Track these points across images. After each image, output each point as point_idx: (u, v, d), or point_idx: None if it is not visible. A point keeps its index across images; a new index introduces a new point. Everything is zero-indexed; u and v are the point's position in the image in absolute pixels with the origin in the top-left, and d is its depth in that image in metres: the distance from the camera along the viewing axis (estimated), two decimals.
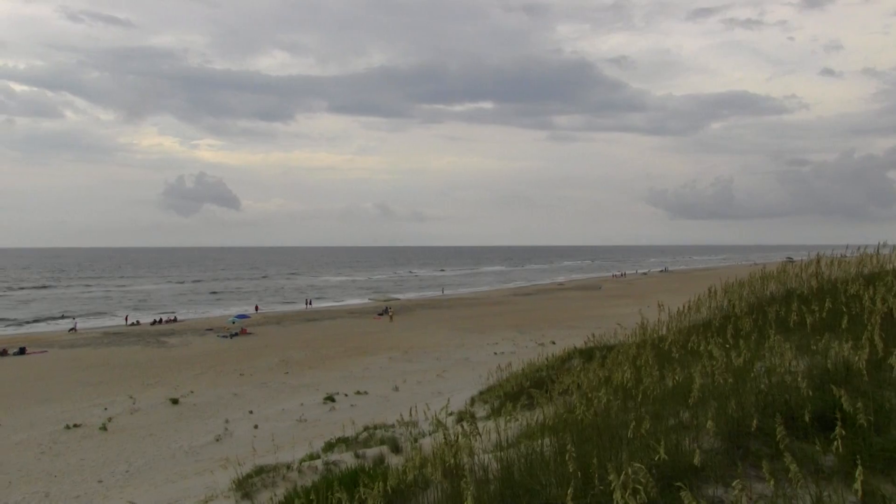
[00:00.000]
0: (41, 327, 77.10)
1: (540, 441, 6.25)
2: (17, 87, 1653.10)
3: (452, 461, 5.82)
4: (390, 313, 75.03)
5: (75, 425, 29.52)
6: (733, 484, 3.94)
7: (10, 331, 74.13)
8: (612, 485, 4.04)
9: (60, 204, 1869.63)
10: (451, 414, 16.40)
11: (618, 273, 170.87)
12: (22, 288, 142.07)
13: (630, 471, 4.15)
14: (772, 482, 4.08)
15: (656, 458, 4.72)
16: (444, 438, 6.38)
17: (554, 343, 43.84)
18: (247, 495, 12.90)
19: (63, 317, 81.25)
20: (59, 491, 21.00)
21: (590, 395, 7.13)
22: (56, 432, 28.71)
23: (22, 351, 53.43)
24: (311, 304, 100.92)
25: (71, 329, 71.56)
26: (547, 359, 21.39)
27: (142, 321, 78.10)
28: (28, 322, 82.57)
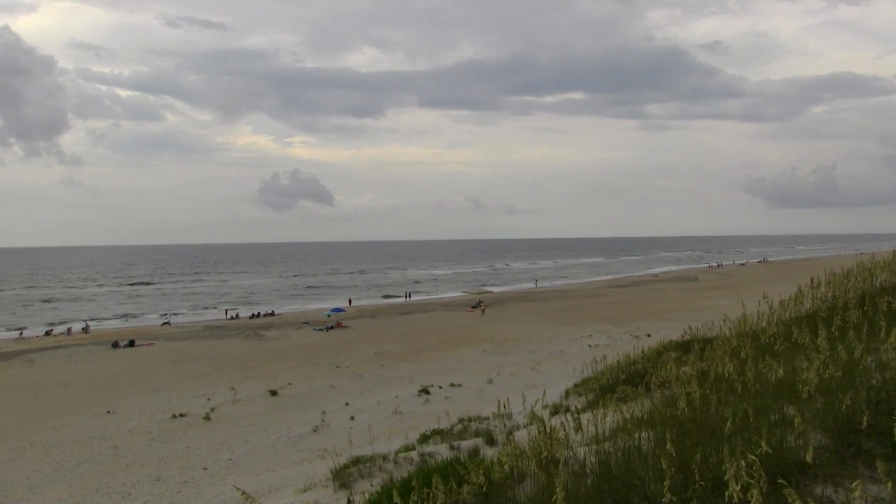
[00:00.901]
0: (147, 320, 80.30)
1: (637, 435, 6.13)
2: (123, 93, 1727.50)
3: (548, 453, 5.77)
4: (482, 307, 75.06)
5: (181, 414, 30.66)
6: (852, 486, 3.71)
7: (119, 324, 77.57)
8: (726, 475, 3.91)
9: (163, 203, 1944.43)
10: (545, 406, 16.30)
11: (714, 264, 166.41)
12: (129, 284, 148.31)
13: (741, 464, 4.00)
14: (889, 484, 3.83)
15: (757, 453, 4.56)
16: (540, 431, 6.33)
17: (649, 336, 43.08)
18: (344, 485, 13.11)
19: (167, 313, 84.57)
20: (168, 475, 21.85)
21: (688, 389, 6.95)
22: (164, 421, 29.88)
23: (131, 343, 55.81)
24: (410, 297, 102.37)
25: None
26: (642, 351, 20.99)
27: (241, 315, 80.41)
28: (133, 316, 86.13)
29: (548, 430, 6.22)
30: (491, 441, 14.02)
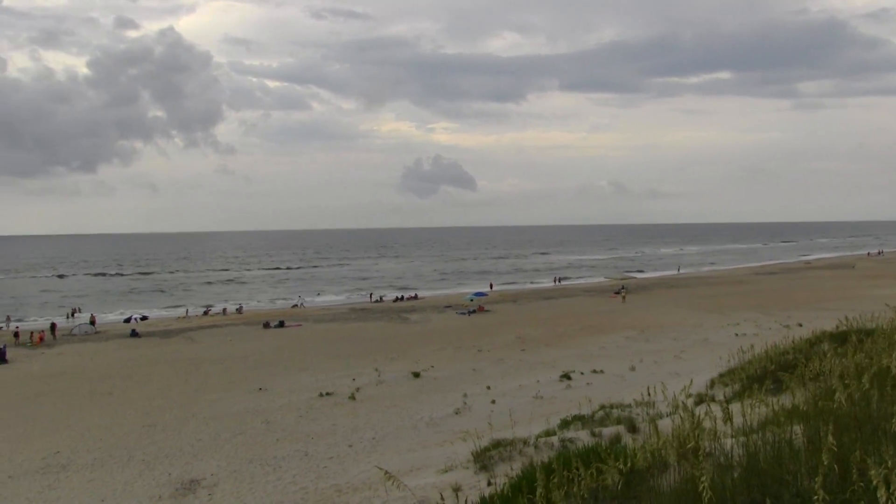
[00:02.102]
0: (295, 302, 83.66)
1: (789, 428, 5.86)
2: (272, 84, 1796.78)
3: (693, 443, 5.60)
4: (623, 294, 73.69)
5: (328, 393, 31.78)
6: None
7: (269, 306, 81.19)
8: (874, 481, 3.69)
9: (310, 189, 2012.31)
10: (689, 395, 15.83)
11: (874, 251, 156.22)
12: (279, 267, 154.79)
13: None
14: None
15: None
16: (684, 420, 6.16)
17: (801, 325, 41.00)
18: (484, 467, 13.21)
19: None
20: (315, 451, 22.71)
21: (847, 382, 6.57)
22: (312, 399, 31.07)
23: (281, 324, 58.31)
24: (560, 281, 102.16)
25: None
26: (793, 342, 20.01)
27: (385, 298, 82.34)
28: (283, 298, 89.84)
29: (693, 419, 6.04)
30: (633, 429, 13.78)
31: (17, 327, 60.23)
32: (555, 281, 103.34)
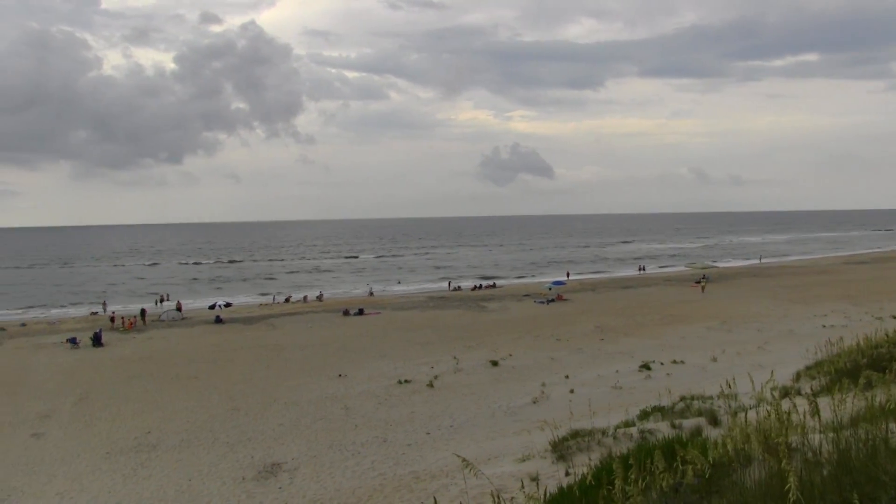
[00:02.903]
0: (376, 290, 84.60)
1: (884, 425, 5.61)
2: (350, 75, 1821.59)
3: (779, 438, 5.41)
4: (703, 283, 72.08)
5: (406, 381, 32.07)
6: None
7: (348, 293, 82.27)
8: None
9: (388, 178, 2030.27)
10: (774, 388, 15.38)
11: None
12: (357, 257, 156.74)
13: None
14: None
15: None
16: (769, 413, 5.97)
17: (895, 317, 39.48)
18: (562, 457, 13.13)
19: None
20: (394, 438, 22.97)
21: None
22: (390, 386, 31.41)
23: (361, 312, 59.02)
24: (644, 269, 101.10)
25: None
26: (887, 334, 19.25)
27: (463, 287, 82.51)
28: (360, 287, 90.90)
29: (779, 412, 5.85)
30: (715, 421, 13.47)
31: (112, 312, 62.75)
32: (639, 269, 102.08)
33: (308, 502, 17.16)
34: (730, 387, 10.55)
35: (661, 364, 32.80)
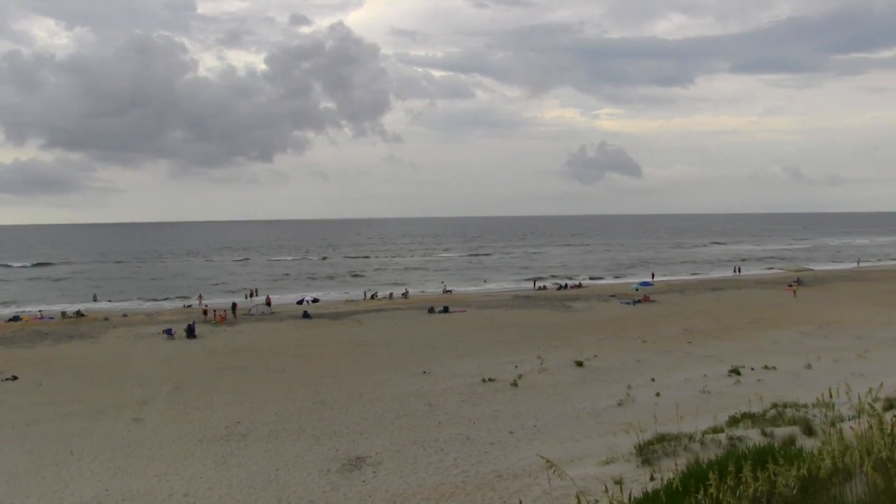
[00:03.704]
0: (457, 288, 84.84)
1: None
2: (437, 74, 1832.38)
3: (886, 452, 5.17)
4: (794, 287, 69.71)
5: (490, 379, 32.05)
6: None
7: (433, 290, 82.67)
8: None
9: (474, 176, 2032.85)
10: (877, 399, 14.76)
11: None
12: (442, 255, 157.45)
13: None
14: None
15: None
16: (871, 426, 5.73)
17: None
18: (647, 461, 12.91)
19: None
20: (477, 436, 22.98)
21: None
22: (474, 384, 31.45)
23: (446, 309, 59.29)
24: (739, 271, 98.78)
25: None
26: None
27: (548, 286, 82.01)
28: (444, 285, 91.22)
29: (883, 425, 5.60)
30: (809, 431, 13.00)
31: (205, 305, 64.84)
32: (734, 271, 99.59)
33: (391, 496, 17.33)
34: (828, 396, 10.14)
35: (752, 369, 31.92)
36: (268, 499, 17.96)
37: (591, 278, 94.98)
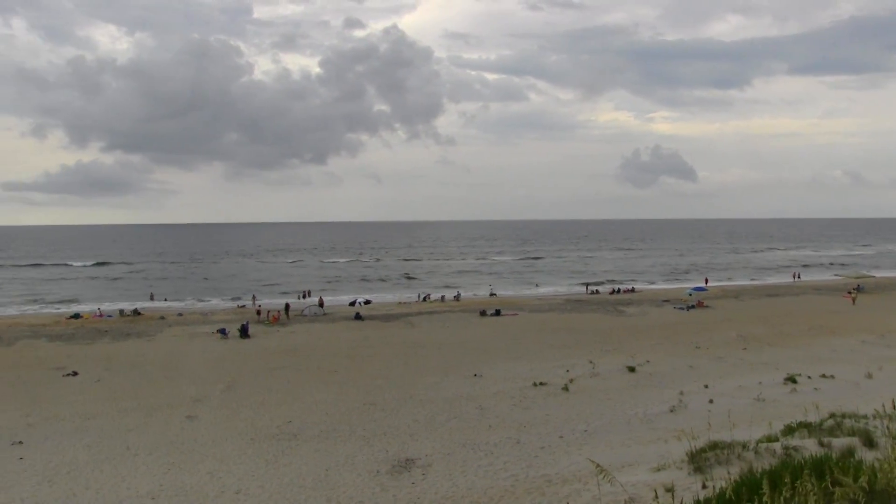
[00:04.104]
0: (507, 291, 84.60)
1: None
2: (490, 76, 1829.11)
3: None
4: (853, 294, 67.97)
5: (541, 383, 31.91)
6: None
7: (484, 293, 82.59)
8: None
9: (527, 179, 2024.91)
10: None
11: None
12: (495, 258, 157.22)
13: None
14: None
15: None
16: None
17: None
18: (699, 469, 12.70)
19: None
20: (527, 439, 22.88)
21: None
22: (525, 387, 31.34)
23: (497, 312, 59.22)
24: (799, 277, 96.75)
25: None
26: None
27: (601, 290, 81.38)
28: (494, 288, 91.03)
29: None
30: (870, 443, 12.65)
31: (258, 305, 65.74)
32: (793, 277, 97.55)
33: (440, 499, 17.35)
34: (893, 407, 9.87)
35: (809, 377, 31.22)
36: (317, 498, 18.12)
37: (645, 283, 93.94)
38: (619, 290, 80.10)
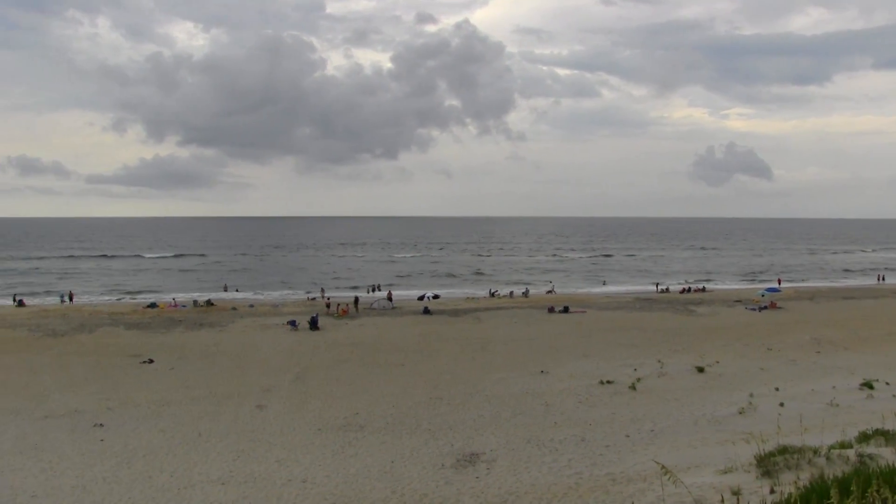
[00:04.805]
0: (576, 288, 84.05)
1: None
2: (562, 72, 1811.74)
3: None
4: None
5: (608, 381, 31.69)
6: None
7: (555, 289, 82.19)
8: None
9: (598, 176, 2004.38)
10: None
11: None
12: (566, 255, 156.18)
13: None
14: None
15: None
16: None
17: None
18: (767, 473, 12.50)
19: (605, 283, 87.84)
20: (592, 438, 22.79)
21: None
22: (591, 385, 31.18)
23: (566, 309, 58.90)
24: (883, 279, 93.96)
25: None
26: None
27: (671, 289, 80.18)
28: (561, 283, 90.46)
29: None
30: None
31: (328, 298, 66.71)
32: (878, 279, 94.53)
33: (503, 494, 17.42)
34: None
35: (887, 384, 30.22)
36: (382, 490, 18.38)
37: (716, 282, 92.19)
38: (689, 290, 78.86)
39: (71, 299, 71.02)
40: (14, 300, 68.89)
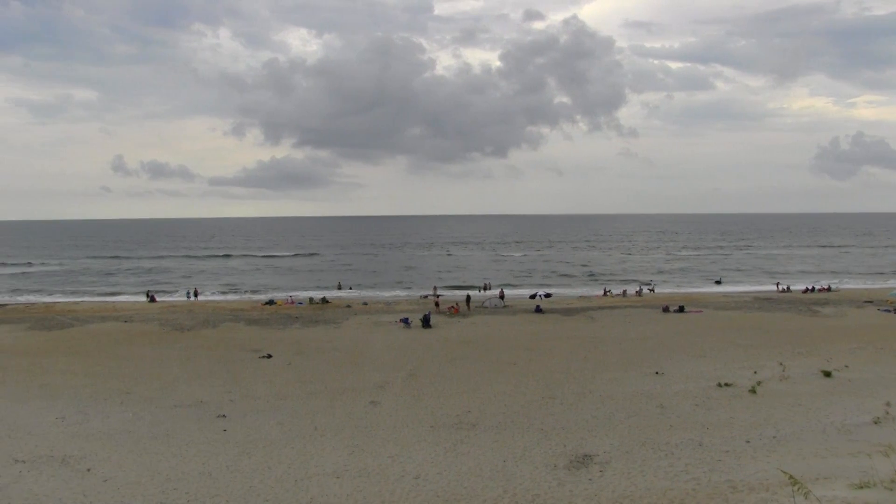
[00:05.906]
0: (693, 287, 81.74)
1: None
2: (673, 65, 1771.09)
3: None
4: None
5: (726, 384, 30.51)
6: None
7: (670, 289, 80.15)
8: None
9: (713, 171, 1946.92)
10: None
11: None
12: (680, 253, 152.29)
13: None
14: None
15: None
16: None
17: None
18: None
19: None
20: (710, 442, 21.93)
21: None
22: (709, 388, 30.08)
23: (681, 309, 57.39)
24: None
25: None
26: None
27: (793, 288, 76.93)
28: (680, 283, 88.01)
29: None
30: None
31: (439, 297, 67.22)
32: None
33: (617, 497, 16.99)
34: None
35: None
36: (494, 489, 18.21)
37: (843, 281, 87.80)
38: (813, 289, 75.34)
39: (196, 295, 74.58)
40: (147, 296, 73.00)
